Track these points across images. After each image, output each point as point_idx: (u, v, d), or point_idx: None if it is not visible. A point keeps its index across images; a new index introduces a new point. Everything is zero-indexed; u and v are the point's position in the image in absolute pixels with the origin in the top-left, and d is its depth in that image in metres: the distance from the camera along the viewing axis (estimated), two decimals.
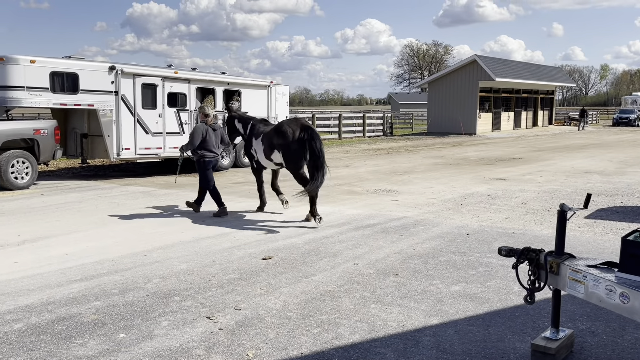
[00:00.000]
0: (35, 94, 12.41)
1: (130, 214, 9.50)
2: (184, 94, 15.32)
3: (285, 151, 8.80)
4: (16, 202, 10.61)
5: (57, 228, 8.30)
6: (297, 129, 8.86)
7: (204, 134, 9.29)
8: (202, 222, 8.77)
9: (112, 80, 13.55)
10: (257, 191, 9.82)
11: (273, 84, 18.02)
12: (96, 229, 8.27)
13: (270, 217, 9.16)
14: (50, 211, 9.65)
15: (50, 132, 12.59)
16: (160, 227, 8.40)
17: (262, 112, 17.57)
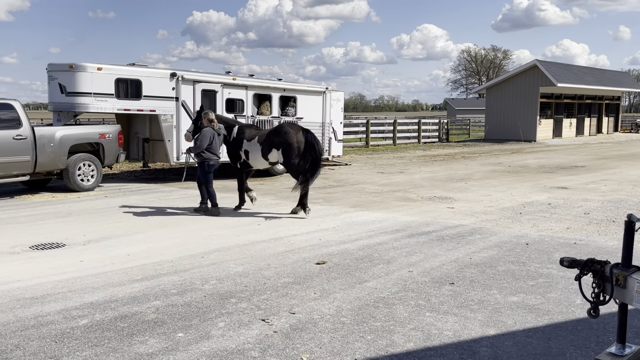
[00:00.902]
0: (101, 99, 12.97)
1: (188, 216, 9.74)
2: (242, 100, 15.61)
3: (287, 149, 9.60)
4: (82, 203, 11.08)
5: (120, 229, 8.62)
6: (298, 130, 9.76)
7: (211, 138, 9.80)
8: (257, 225, 8.91)
9: (173, 87, 13.98)
10: (238, 190, 10.33)
11: (328, 90, 18.12)
12: (156, 230, 8.54)
13: (323, 223, 9.20)
14: (113, 212, 10.03)
15: (115, 137, 13.11)
16: (217, 229, 8.58)
17: (317, 117, 17.70)
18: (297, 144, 9.69)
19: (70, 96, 12.81)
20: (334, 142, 18.50)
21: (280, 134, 9.79)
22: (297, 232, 8.36)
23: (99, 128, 13.15)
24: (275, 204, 11.12)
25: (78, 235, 8.15)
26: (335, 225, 8.93)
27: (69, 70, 12.77)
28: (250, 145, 10.02)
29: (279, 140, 9.76)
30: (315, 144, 9.70)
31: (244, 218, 9.59)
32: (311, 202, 11.34)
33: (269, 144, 9.85)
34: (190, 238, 7.97)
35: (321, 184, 14.76)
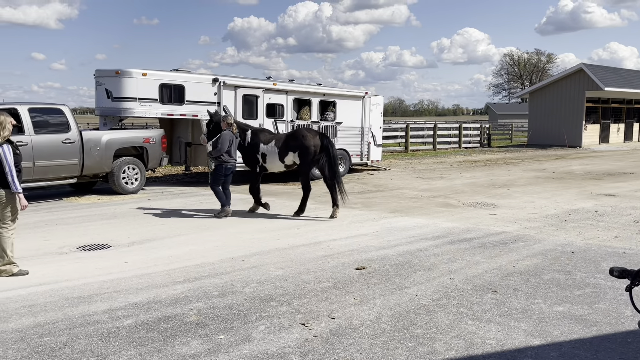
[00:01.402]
0: (146, 104, 13.28)
1: (229, 219, 9.88)
2: (282, 104, 15.73)
3: (304, 152, 9.94)
4: (126, 205, 11.36)
5: (163, 231, 8.80)
6: (315, 134, 10.13)
7: (230, 141, 9.96)
8: (297, 229, 8.97)
9: (215, 92, 14.21)
10: (251, 193, 10.48)
11: (367, 94, 18.09)
12: (198, 233, 8.68)
13: (362, 228, 9.19)
14: (156, 215, 10.25)
15: (158, 141, 13.40)
16: (258, 233, 8.68)
17: (356, 122, 17.68)
18: (313, 147, 9.97)
19: (116, 101, 13.15)
20: (373, 147, 18.44)
21: (298, 138, 10.11)
22: (336, 237, 8.37)
23: (143, 132, 13.46)
24: (314, 208, 11.16)
25: (123, 236, 8.36)
26: (375, 230, 8.91)
27: (115, 76, 13.13)
28: (267, 148, 10.27)
29: (295, 144, 10.08)
30: (330, 147, 10.00)
31: (283, 222, 9.67)
32: (350, 207, 11.34)
33: (285, 147, 10.14)
34: (230, 241, 8.08)
35: (359, 188, 14.73)
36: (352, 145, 17.67)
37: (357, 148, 17.86)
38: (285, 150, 10.15)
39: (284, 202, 12.05)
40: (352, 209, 11.14)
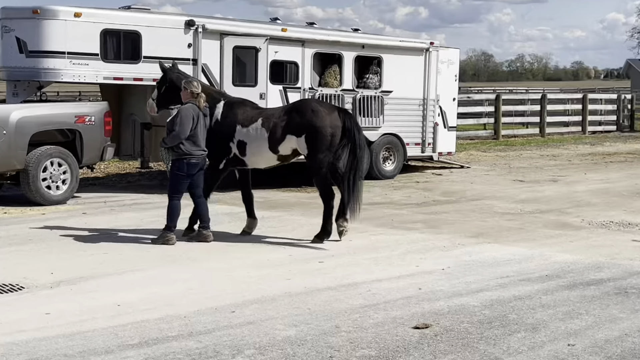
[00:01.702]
0: (80, 62, 13.43)
1: (211, 246, 9.92)
2: (295, 63, 15.80)
3: (314, 136, 9.96)
4: (48, 222, 11.44)
5: (106, 264, 8.85)
6: (332, 109, 10.32)
7: (194, 121, 9.86)
8: (320, 263, 8.99)
9: (190, 42, 14.33)
10: (199, 199, 10.37)
11: (434, 46, 18.07)
12: (161, 267, 8.73)
13: (424, 262, 9.18)
14: (95, 238, 10.31)
15: (99, 121, 13.53)
16: (256, 268, 8.70)
17: (415, 91, 17.71)
18: (330, 128, 10.02)
19: (33, 57, 13.33)
20: (442, 131, 18.44)
21: (304, 113, 10.14)
22: (381, 276, 8.36)
23: (75, 107, 13.65)
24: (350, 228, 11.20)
25: (43, 272, 8.42)
26: (445, 266, 8.88)
27: (31, 18, 13.30)
28: (249, 132, 10.26)
29: (300, 122, 10.10)
30: (357, 132, 10.10)
31: (297, 250, 9.70)
32: (403, 226, 11.30)
33: (282, 128, 10.16)
34: (213, 281, 8.11)
35: (419, 197, 14.69)
36: (408, 128, 17.71)
37: (415, 133, 17.87)
38: (281, 132, 10.17)
39: (298, 219, 12.05)
40: (408, 230, 11.10)
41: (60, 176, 13.13)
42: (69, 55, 13.31)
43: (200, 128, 9.98)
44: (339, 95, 16.27)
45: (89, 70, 13.51)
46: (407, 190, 15.61)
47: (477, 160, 21.90)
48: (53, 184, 13.05)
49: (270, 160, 10.53)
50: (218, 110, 10.38)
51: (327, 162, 10.15)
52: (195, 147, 9.93)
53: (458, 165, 20.05)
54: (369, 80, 17.04)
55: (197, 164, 10.01)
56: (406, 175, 17.96)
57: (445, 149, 18.66)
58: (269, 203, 13.58)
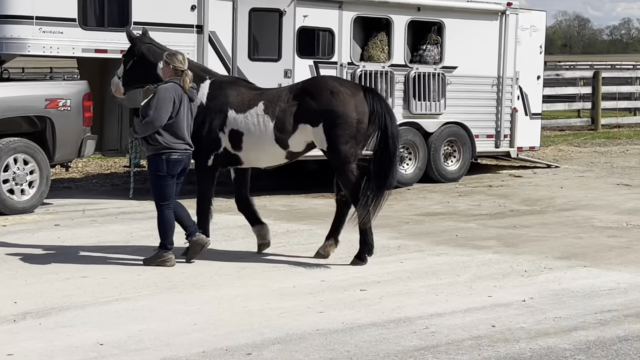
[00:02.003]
0: (52, 30, 13.50)
1: (219, 269, 9.97)
2: (330, 30, 15.83)
3: (336, 123, 9.98)
4: (11, 237, 11.55)
5: (84, 291, 8.90)
6: (356, 89, 10.43)
7: (175, 106, 9.78)
8: (361, 291, 8.99)
9: (193, 4, 14.43)
10: (197, 214, 10.66)
11: (512, 7, 17.98)
12: (156, 296, 8.78)
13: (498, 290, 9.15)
14: (71, 258, 10.39)
15: (76, 106, 13.60)
16: (279, 298, 8.73)
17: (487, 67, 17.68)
18: (355, 114, 10.03)
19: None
20: (523, 120, 18.35)
21: (320, 95, 10.12)
22: (443, 309, 8.34)
23: (46, 88, 13.72)
24: (395, 247, 11.17)
25: (3, 302, 8.48)
26: (526, 296, 8.85)
27: None
28: (246, 120, 10.25)
29: (316, 108, 10.08)
30: (389, 118, 10.13)
31: (333, 274, 9.73)
32: (474, 243, 11.24)
33: (294, 115, 10.15)
34: (223, 314, 8.13)
35: (493, 206, 14.62)
36: (478, 116, 17.72)
37: (487, 122, 17.84)
38: (292, 121, 10.19)
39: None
40: (478, 249, 11.11)
41: (26, 177, 13.25)
42: (37, 21, 13.39)
43: (183, 115, 9.92)
44: (387, 73, 16.26)
45: (63, 40, 13.59)
46: (476, 197, 15.58)
47: (569, 157, 21.75)
48: (17, 187, 13.15)
49: (276, 158, 10.58)
50: (203, 90, 10.36)
51: (355, 155, 10.17)
52: (177, 140, 9.88)
53: (543, 164, 19.94)
54: (426, 53, 17.01)
55: (179, 162, 9.95)
56: (475, 177, 17.92)
57: (527, 142, 18.56)
58: (294, 213, 13.61)
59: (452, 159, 17.47)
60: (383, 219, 13.15)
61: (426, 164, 16.92)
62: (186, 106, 9.95)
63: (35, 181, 13.30)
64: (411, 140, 16.63)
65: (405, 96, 16.62)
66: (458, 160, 17.45)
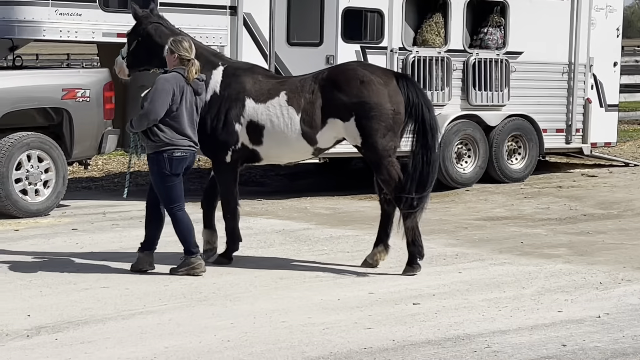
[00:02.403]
0: (70, 12, 13.58)
1: (255, 279, 10.00)
2: (379, 11, 15.84)
3: (370, 116, 10.00)
4: (24, 242, 11.67)
5: (105, 303, 8.96)
6: (388, 76, 10.41)
7: (175, 98, 9.73)
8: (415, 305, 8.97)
9: None
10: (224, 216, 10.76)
11: None
12: (185, 309, 8.81)
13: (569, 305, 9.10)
14: (91, 267, 10.48)
15: (96, 96, 13.67)
16: (322, 312, 8.73)
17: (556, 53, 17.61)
18: (390, 104, 10.02)
19: (2, 5, 13.58)
20: (598, 112, 18.25)
21: (349, 85, 10.09)
22: (506, 326, 8.30)
23: (63, 77, 13.80)
24: (453, 255, 11.15)
25: (16, 315, 8.54)
26: (601, 311, 8.79)
27: None
28: (268, 110, 10.26)
29: (346, 100, 10.05)
30: (426, 109, 10.14)
31: (383, 286, 9.73)
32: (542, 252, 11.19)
33: (321, 108, 10.15)
34: (259, 330, 8.13)
35: (562, 209, 14.56)
36: (546, 108, 17.69)
37: (557, 114, 17.78)
38: (319, 114, 10.19)
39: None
40: (546, 258, 11.07)
41: (41, 176, 13.36)
42: (53, 2, 13.47)
43: (186, 108, 9.88)
44: (443, 59, 16.23)
45: (82, 24, 13.68)
46: (544, 199, 15.51)
47: None
48: (30, 187, 13.26)
49: (301, 155, 10.67)
50: (215, 78, 10.38)
51: (394, 149, 10.17)
52: (179, 136, 9.86)
53: (621, 162, 19.81)
54: (487, 37, 16.95)
55: (183, 160, 9.90)
56: (542, 177, 17.85)
57: (602, 138, 18.45)
58: (338, 217, 13.62)
59: (517, 156, 17.41)
60: (439, 223, 13.17)
61: (487, 162, 16.85)
62: (189, 99, 9.91)
63: (50, 180, 13.40)
64: (470, 135, 16.58)
65: (463, 85, 16.58)
66: (523, 158, 17.37)
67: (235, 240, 10.68)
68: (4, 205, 13.01)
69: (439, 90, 16.14)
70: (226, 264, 10.52)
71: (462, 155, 16.61)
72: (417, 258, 10.21)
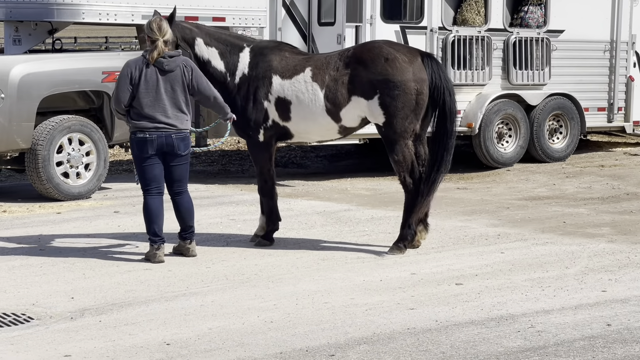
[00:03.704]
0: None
1: (297, 260, 10.05)
2: None
3: (393, 95, 9.99)
4: (66, 226, 11.76)
5: (148, 285, 9.03)
6: (413, 55, 10.35)
7: (133, 80, 9.75)
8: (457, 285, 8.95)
9: None
10: (260, 196, 10.90)
11: None
12: (228, 290, 8.86)
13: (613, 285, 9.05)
14: (133, 249, 10.58)
15: None
16: (365, 293, 8.74)
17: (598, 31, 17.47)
18: (414, 83, 10.01)
19: None
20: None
21: (374, 63, 10.12)
22: (550, 306, 8.29)
23: (103, 59, 13.83)
24: (495, 235, 11.14)
25: (60, 297, 8.62)
26: None
27: None
28: (294, 86, 10.30)
29: (370, 77, 10.09)
30: (448, 93, 10.14)
31: (425, 267, 9.74)
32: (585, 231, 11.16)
33: (346, 86, 10.18)
34: (302, 311, 8.17)
35: (604, 189, 14.49)
36: (588, 86, 17.60)
37: (599, 92, 17.67)
38: (345, 92, 10.22)
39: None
40: (589, 237, 11.04)
41: (82, 159, 13.44)
42: None
43: (147, 90, 9.84)
44: (484, 38, 16.16)
45: (121, 6, 13.72)
46: (586, 179, 15.44)
47: None
48: (72, 170, 13.35)
49: (328, 132, 10.66)
50: (243, 60, 10.44)
51: (413, 131, 10.17)
52: (141, 119, 9.86)
53: None
54: (528, 15, 16.85)
55: (146, 142, 9.84)
56: (584, 156, 17.76)
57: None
58: (379, 197, 13.61)
59: (558, 136, 17.32)
60: (480, 204, 13.16)
61: (528, 142, 16.78)
62: (152, 80, 9.84)
63: (92, 163, 13.47)
64: (511, 114, 16.51)
65: (504, 64, 16.51)
66: (565, 137, 17.28)
67: (274, 220, 10.72)
68: (46, 189, 13.10)
69: (480, 70, 16.09)
70: (267, 246, 10.57)
71: (503, 135, 16.55)
72: (407, 240, 10.26)
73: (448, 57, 15.77)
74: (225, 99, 10.29)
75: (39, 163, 13.01)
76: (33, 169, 13.06)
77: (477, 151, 16.38)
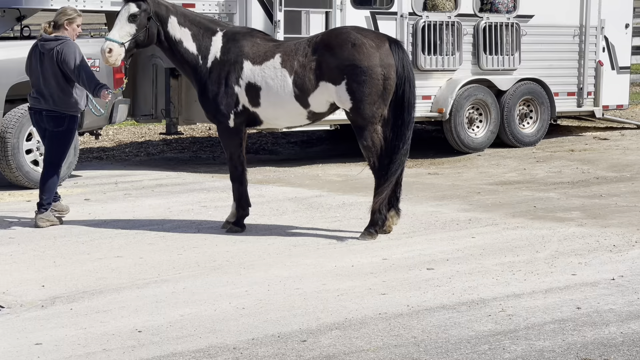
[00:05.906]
0: None
1: (268, 247, 10.04)
2: None
3: (360, 80, 10.04)
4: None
5: (120, 273, 9.01)
6: (380, 40, 10.41)
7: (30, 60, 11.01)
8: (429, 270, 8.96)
9: None
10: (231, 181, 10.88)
11: None
12: (200, 277, 8.84)
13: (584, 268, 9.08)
14: (104, 236, 10.52)
15: (105, 66, 13.62)
16: (337, 278, 8.75)
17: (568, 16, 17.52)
18: (381, 68, 10.09)
19: None
20: (609, 75, 18.16)
21: (341, 48, 10.21)
22: (521, 290, 8.32)
23: None
24: (466, 220, 11.19)
25: (30, 285, 8.60)
26: (616, 274, 8.80)
27: None
28: (264, 72, 10.35)
29: (337, 63, 10.17)
30: (408, 85, 10.21)
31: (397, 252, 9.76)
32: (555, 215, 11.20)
33: (314, 71, 10.24)
34: (274, 297, 8.17)
35: (575, 173, 14.55)
36: (557, 71, 17.64)
37: (568, 77, 17.71)
38: (313, 77, 10.26)
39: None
40: (559, 221, 11.08)
41: None
42: None
43: (31, 71, 11.01)
44: (454, 24, 16.17)
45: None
46: (556, 163, 15.49)
47: None
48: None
49: (297, 118, 10.72)
50: (215, 45, 10.48)
51: (381, 116, 10.23)
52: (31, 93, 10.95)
53: (633, 124, 19.74)
54: (498, 0, 16.87)
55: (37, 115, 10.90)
56: (554, 141, 17.81)
57: (614, 100, 18.35)
58: (350, 183, 13.61)
59: (529, 120, 17.35)
60: (451, 189, 13.19)
61: (499, 126, 16.81)
62: (36, 58, 10.90)
63: None
64: (482, 99, 16.52)
65: (474, 50, 16.52)
66: (535, 122, 17.32)
67: (244, 206, 10.73)
68: (15, 177, 13.10)
69: (450, 55, 16.08)
70: (239, 233, 10.57)
71: (474, 120, 16.57)
72: (377, 226, 10.30)
73: (418, 43, 15.75)
74: (196, 82, 10.49)
75: (9, 151, 13.00)
76: (2, 157, 13.05)
77: (448, 136, 16.40)
